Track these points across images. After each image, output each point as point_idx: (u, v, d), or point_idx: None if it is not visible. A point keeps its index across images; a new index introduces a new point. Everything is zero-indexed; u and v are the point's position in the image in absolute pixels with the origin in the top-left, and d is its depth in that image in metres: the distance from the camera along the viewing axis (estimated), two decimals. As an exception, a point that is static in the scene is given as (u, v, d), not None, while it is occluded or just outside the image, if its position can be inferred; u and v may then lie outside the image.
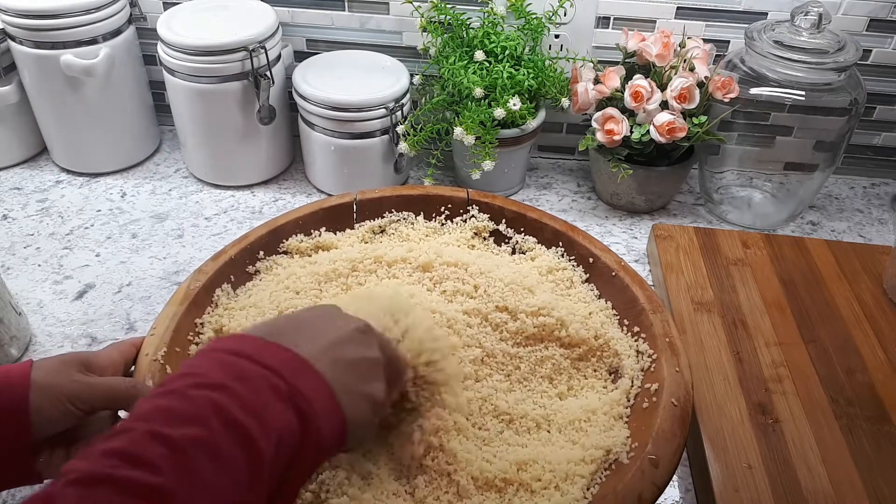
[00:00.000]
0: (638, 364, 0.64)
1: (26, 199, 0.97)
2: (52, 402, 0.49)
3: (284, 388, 0.39)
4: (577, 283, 0.72)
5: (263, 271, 0.73)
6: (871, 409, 0.67)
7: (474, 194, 0.78)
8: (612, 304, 0.70)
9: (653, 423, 0.56)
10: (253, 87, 0.91)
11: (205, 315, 0.67)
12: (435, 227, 0.78)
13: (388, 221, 0.78)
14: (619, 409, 0.61)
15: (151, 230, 0.92)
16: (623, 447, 0.57)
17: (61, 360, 0.52)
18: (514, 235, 0.77)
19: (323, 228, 0.77)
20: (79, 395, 0.50)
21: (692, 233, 0.87)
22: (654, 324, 0.64)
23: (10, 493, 0.62)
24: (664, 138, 0.86)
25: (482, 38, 0.91)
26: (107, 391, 0.52)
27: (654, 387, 0.60)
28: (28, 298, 0.82)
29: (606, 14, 0.95)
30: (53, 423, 0.50)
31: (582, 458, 0.57)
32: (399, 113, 0.91)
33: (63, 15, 0.88)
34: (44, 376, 0.50)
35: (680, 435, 0.56)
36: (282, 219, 0.75)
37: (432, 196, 0.78)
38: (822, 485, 0.61)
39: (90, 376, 0.52)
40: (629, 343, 0.66)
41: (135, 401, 0.50)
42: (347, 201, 0.78)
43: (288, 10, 0.98)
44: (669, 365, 0.61)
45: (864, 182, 1.06)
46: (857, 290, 0.80)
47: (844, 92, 0.86)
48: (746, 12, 0.93)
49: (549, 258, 0.74)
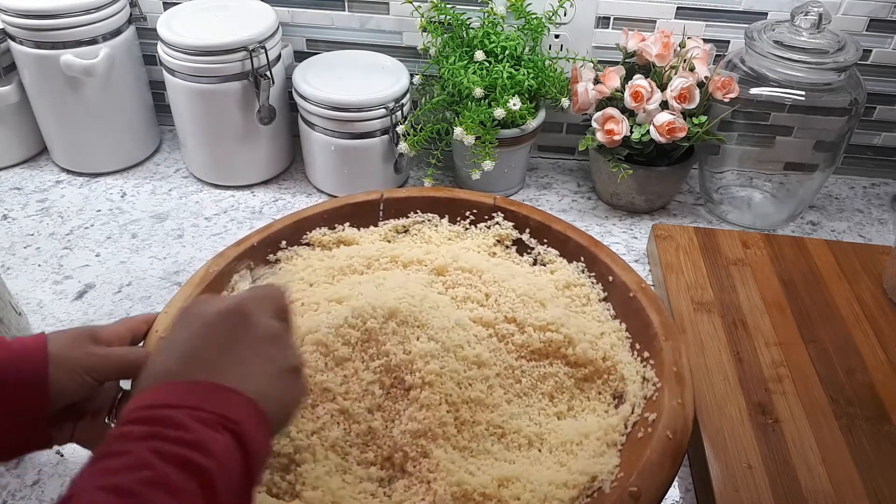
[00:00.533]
0: (642, 391, 0.61)
1: (26, 199, 0.97)
2: (69, 373, 0.51)
3: (210, 417, 0.39)
4: (594, 300, 0.70)
5: (284, 260, 0.74)
6: (871, 409, 0.67)
7: (501, 201, 0.77)
8: (627, 326, 0.67)
9: (643, 454, 0.54)
10: (253, 87, 0.91)
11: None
12: (458, 231, 0.78)
13: (413, 222, 0.78)
14: (615, 435, 0.59)
15: (151, 230, 0.92)
16: (609, 476, 0.55)
17: (74, 334, 0.54)
18: (536, 246, 0.76)
19: (347, 224, 0.77)
20: (94, 366, 0.53)
21: (692, 233, 0.87)
22: (664, 350, 0.62)
23: (10, 492, 0.63)
24: (664, 138, 0.86)
25: (482, 38, 0.91)
26: (120, 362, 0.54)
27: (653, 416, 0.58)
28: (28, 298, 0.82)
29: (606, 14, 0.95)
30: (69, 393, 0.52)
31: (565, 482, 0.55)
32: (399, 113, 0.91)
33: (63, 15, 0.88)
34: (60, 349, 0.52)
35: (669, 469, 0.54)
36: (307, 211, 0.76)
37: (459, 199, 0.78)
38: (822, 485, 0.61)
39: (102, 348, 0.54)
40: (637, 368, 0.63)
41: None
42: (374, 199, 0.78)
43: (288, 10, 0.98)
44: (672, 396, 0.58)
45: (864, 182, 1.06)
46: (857, 290, 0.80)
47: (844, 92, 0.86)
48: (746, 12, 0.93)
49: (568, 272, 0.72)
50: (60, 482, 0.63)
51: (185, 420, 0.39)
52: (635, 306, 0.67)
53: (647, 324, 0.65)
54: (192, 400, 0.41)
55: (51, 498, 0.62)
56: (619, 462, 0.57)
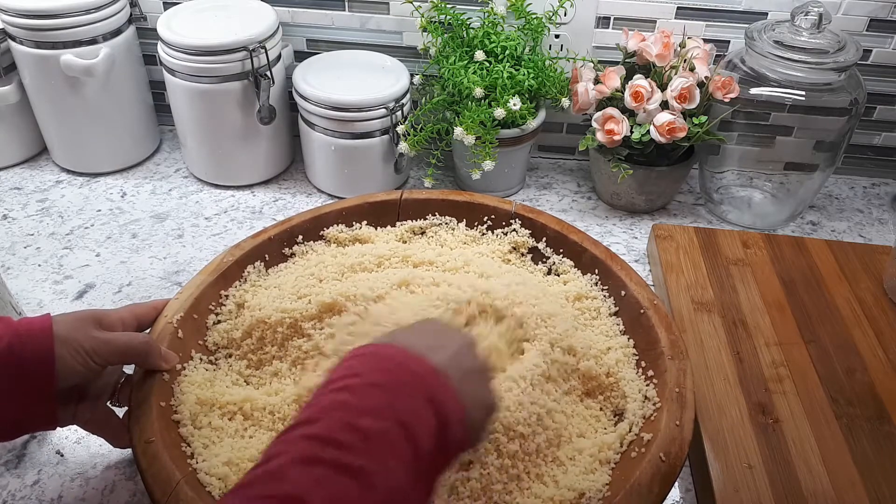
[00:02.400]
0: (641, 410, 0.61)
1: (26, 198, 0.97)
2: (73, 354, 0.53)
3: (427, 393, 0.43)
4: (604, 314, 0.70)
5: (298, 255, 0.75)
6: (871, 408, 0.67)
7: (519, 208, 0.77)
8: (634, 343, 0.67)
9: (633, 475, 0.54)
10: (253, 87, 0.91)
11: (231, 288, 0.70)
12: (474, 236, 0.78)
13: (429, 224, 0.78)
14: (609, 453, 0.58)
15: (151, 230, 0.92)
16: (598, 493, 0.55)
17: (78, 317, 0.55)
18: (552, 256, 0.75)
19: (364, 222, 0.78)
20: (97, 349, 0.54)
21: (692, 233, 0.87)
22: (668, 371, 0.61)
23: (10, 493, 0.63)
24: (664, 138, 0.86)
25: (482, 38, 0.91)
26: (122, 347, 0.56)
27: (649, 437, 0.57)
28: (28, 298, 0.82)
29: (606, 14, 0.95)
30: (74, 374, 0.53)
31: (552, 496, 0.55)
32: (399, 113, 0.91)
33: (63, 15, 0.88)
34: (65, 330, 0.53)
35: (658, 492, 0.53)
36: (326, 207, 0.77)
37: (477, 204, 0.78)
38: (822, 485, 0.61)
39: (105, 333, 0.56)
40: (639, 386, 0.63)
41: (147, 357, 0.57)
42: (393, 199, 0.78)
43: (288, 9, 0.98)
44: (671, 417, 0.58)
45: (864, 182, 1.06)
46: (857, 290, 0.80)
47: (844, 92, 0.86)
48: (747, 12, 0.93)
49: (581, 284, 0.72)
50: (60, 482, 0.63)
51: (412, 387, 0.43)
52: (645, 323, 0.66)
53: (654, 341, 0.64)
54: (419, 370, 0.45)
55: (51, 498, 0.62)
56: (610, 480, 0.56)
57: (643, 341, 0.66)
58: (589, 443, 0.59)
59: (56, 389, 0.52)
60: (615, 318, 0.70)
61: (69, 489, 0.63)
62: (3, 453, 0.66)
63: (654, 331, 0.65)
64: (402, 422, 0.41)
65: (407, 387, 0.43)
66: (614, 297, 0.71)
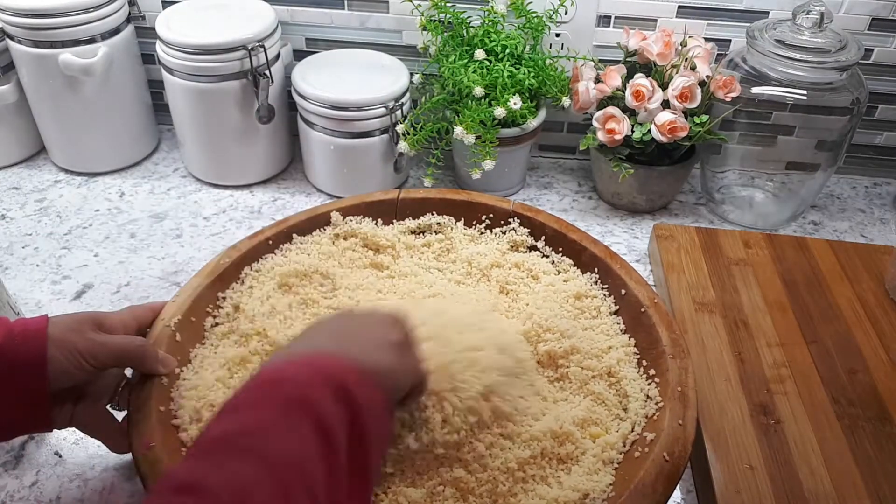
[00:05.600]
0: (643, 409, 0.61)
1: (24, 198, 0.96)
2: (67, 356, 0.53)
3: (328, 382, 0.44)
4: (605, 313, 0.69)
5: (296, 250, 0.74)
6: (872, 409, 0.67)
7: (518, 207, 0.77)
8: (636, 342, 0.66)
9: (637, 475, 0.54)
10: (252, 87, 0.91)
11: (228, 290, 0.69)
12: (473, 235, 0.77)
13: (427, 223, 0.78)
14: (612, 453, 0.58)
15: (150, 230, 0.92)
16: (601, 494, 0.55)
17: (76, 318, 0.55)
18: (551, 254, 0.75)
19: (364, 219, 0.78)
20: (91, 352, 0.54)
21: (693, 233, 0.87)
22: (670, 370, 0.61)
23: (9, 494, 0.62)
24: (665, 138, 0.86)
25: (482, 36, 0.91)
26: (117, 350, 0.56)
27: (652, 436, 0.57)
28: (26, 298, 0.81)
29: (607, 13, 0.94)
30: (68, 375, 0.53)
31: (556, 497, 0.55)
32: (399, 112, 0.91)
33: (61, 14, 0.87)
34: (59, 332, 0.53)
35: (662, 492, 0.53)
36: (322, 208, 0.77)
37: (475, 203, 0.78)
38: (824, 486, 0.60)
39: (102, 335, 0.56)
40: (641, 385, 0.63)
41: (142, 360, 0.57)
42: (391, 198, 0.78)
43: (287, 8, 0.97)
44: (673, 417, 0.57)
45: (865, 182, 1.05)
46: (859, 290, 0.80)
47: (846, 91, 0.86)
48: (748, 11, 0.92)
49: (580, 283, 0.72)
50: (59, 483, 0.63)
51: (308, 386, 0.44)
52: (646, 322, 0.66)
53: (655, 340, 0.64)
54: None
55: (49, 499, 0.62)
56: (613, 481, 0.56)
57: (644, 340, 0.66)
58: (592, 443, 0.59)
59: (48, 391, 0.52)
60: (615, 317, 0.69)
61: (67, 490, 0.63)
62: (1, 454, 0.65)
63: (654, 329, 0.65)
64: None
65: (284, 407, 0.43)
66: (614, 296, 0.70)
